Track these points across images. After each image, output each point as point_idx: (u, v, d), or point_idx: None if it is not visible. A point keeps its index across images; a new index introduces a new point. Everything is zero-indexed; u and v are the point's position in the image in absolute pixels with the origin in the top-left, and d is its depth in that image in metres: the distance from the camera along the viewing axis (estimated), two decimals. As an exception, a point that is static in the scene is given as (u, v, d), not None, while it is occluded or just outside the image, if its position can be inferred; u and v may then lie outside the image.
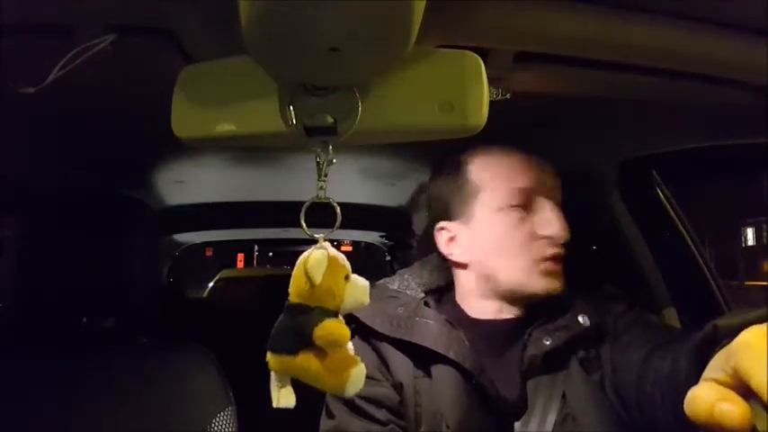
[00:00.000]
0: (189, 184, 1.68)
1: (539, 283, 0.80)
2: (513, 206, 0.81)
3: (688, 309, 1.10)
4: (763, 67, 0.61)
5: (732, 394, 0.28)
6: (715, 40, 0.60)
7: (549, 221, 0.80)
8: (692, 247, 1.15)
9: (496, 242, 0.82)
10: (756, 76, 0.64)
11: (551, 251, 0.80)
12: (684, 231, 1.16)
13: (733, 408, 0.27)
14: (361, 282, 0.54)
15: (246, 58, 0.50)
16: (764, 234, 16.47)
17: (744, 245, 16.93)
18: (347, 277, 0.52)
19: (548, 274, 0.80)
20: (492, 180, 0.83)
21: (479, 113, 0.51)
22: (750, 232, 16.98)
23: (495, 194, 0.82)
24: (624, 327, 0.82)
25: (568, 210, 0.84)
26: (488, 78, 0.52)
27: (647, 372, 0.69)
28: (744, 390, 0.27)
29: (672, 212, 1.16)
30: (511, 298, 0.84)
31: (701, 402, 0.28)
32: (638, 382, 0.70)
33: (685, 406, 0.29)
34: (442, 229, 0.88)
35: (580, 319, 0.80)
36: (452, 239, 0.87)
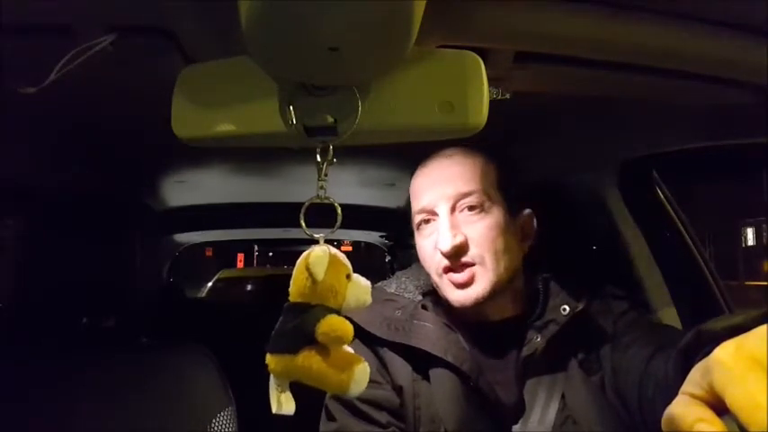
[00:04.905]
0: (189, 184, 1.69)
1: (451, 295, 0.81)
2: (421, 222, 0.84)
3: (688, 309, 1.10)
4: (763, 67, 0.61)
5: (709, 413, 0.28)
6: (715, 40, 0.60)
7: (440, 234, 0.80)
8: (692, 247, 1.15)
9: (420, 256, 0.86)
10: (756, 76, 0.64)
11: (445, 263, 0.80)
12: (684, 231, 1.16)
13: (710, 429, 0.28)
14: (363, 281, 0.53)
15: (246, 58, 0.50)
16: (764, 234, 16.45)
17: (744, 245, 16.91)
18: (349, 276, 0.52)
19: (454, 285, 0.80)
20: (411, 199, 0.88)
21: (479, 113, 0.51)
22: (750, 232, 16.95)
23: (413, 212, 0.86)
24: (624, 327, 0.82)
25: (568, 210, 0.83)
26: (488, 78, 0.52)
27: (648, 376, 0.69)
28: (720, 405, 0.28)
29: (672, 212, 1.16)
30: (457, 310, 0.83)
31: (679, 422, 0.29)
32: (640, 386, 0.70)
33: (663, 424, 0.30)
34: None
35: (561, 309, 0.80)
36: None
